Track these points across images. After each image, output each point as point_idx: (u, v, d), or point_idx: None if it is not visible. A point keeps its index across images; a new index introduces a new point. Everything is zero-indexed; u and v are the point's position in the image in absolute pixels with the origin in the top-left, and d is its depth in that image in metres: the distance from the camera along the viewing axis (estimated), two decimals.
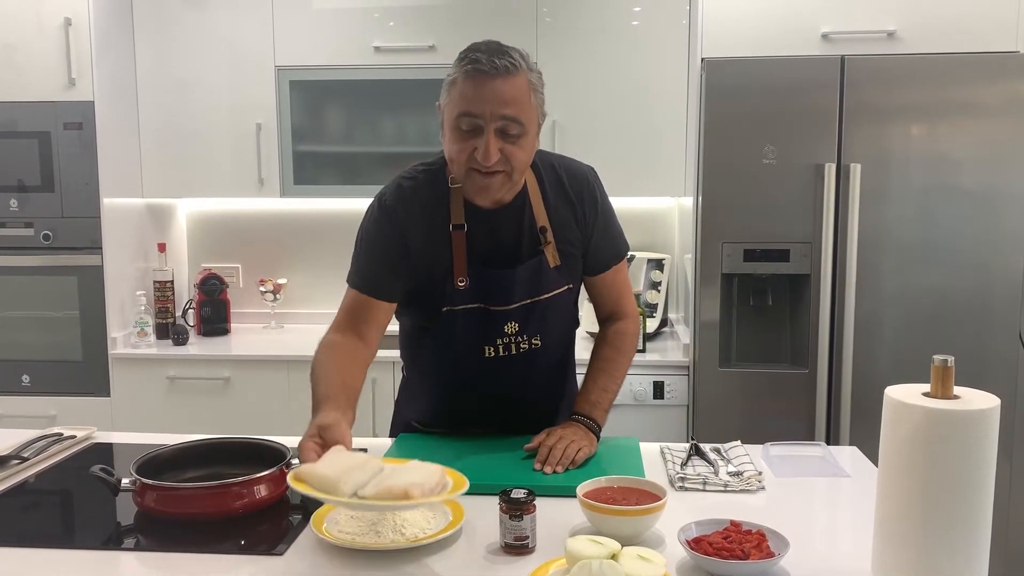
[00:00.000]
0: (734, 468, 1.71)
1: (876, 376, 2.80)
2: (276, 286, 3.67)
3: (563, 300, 1.78)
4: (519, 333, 1.73)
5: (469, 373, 1.76)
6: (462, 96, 1.55)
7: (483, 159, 1.55)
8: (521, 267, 1.70)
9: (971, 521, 1.15)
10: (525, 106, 1.56)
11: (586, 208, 1.76)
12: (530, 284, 1.71)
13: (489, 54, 1.54)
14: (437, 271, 1.69)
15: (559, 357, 1.86)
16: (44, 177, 3.21)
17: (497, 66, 1.53)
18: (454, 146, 1.59)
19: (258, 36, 3.36)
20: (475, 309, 1.70)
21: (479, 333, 1.72)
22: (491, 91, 1.53)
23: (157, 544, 1.43)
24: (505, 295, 1.70)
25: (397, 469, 1.38)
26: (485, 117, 1.54)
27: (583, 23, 3.26)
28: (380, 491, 1.29)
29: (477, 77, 1.53)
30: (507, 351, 1.73)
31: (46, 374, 3.28)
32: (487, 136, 1.54)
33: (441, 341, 1.75)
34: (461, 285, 1.68)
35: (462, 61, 1.57)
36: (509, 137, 1.56)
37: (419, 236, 1.68)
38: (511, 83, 1.54)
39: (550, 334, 1.77)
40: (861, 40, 2.83)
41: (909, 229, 2.78)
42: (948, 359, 1.18)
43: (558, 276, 1.74)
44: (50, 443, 1.90)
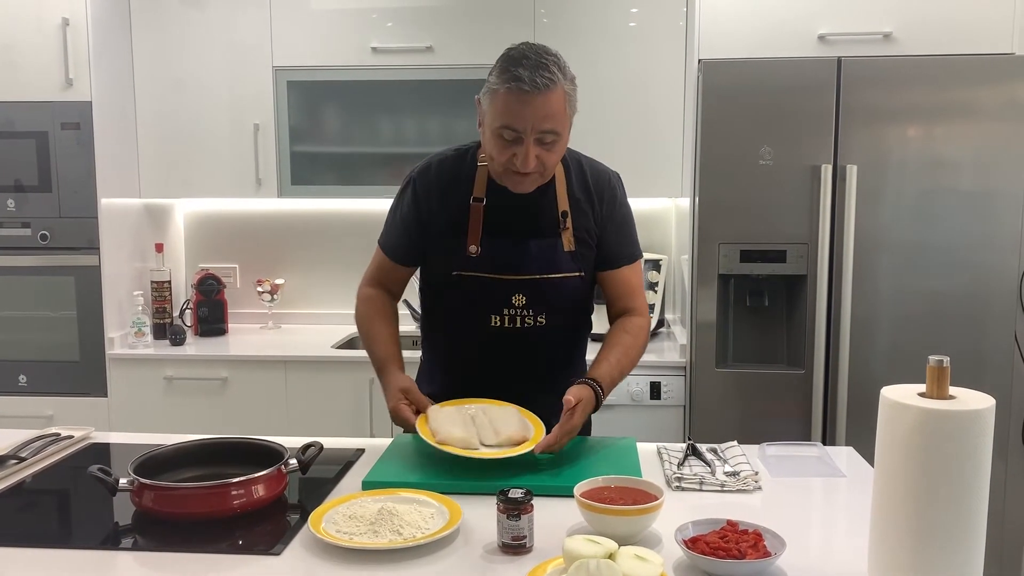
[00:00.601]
0: (731, 468, 1.72)
1: (872, 376, 2.81)
2: (273, 286, 3.67)
3: (573, 287, 1.85)
4: (526, 307, 1.82)
5: (475, 341, 1.85)
6: (506, 109, 1.66)
7: (522, 167, 1.69)
8: (534, 241, 1.81)
9: (966, 521, 1.16)
10: (561, 117, 1.68)
11: (604, 204, 1.87)
12: (542, 260, 1.81)
13: (531, 71, 1.63)
14: (453, 238, 1.82)
15: (564, 347, 1.92)
16: (41, 177, 3.21)
17: (538, 84, 1.63)
18: (495, 151, 1.71)
19: (256, 36, 3.36)
20: (484, 277, 1.81)
21: (486, 301, 1.82)
22: (532, 109, 1.64)
23: (155, 544, 1.44)
24: (515, 265, 1.80)
25: (490, 415, 1.69)
26: (526, 131, 1.66)
27: (580, 24, 3.26)
28: (502, 440, 1.62)
29: (520, 95, 1.64)
30: (512, 323, 1.82)
31: (43, 374, 3.28)
32: (527, 146, 1.67)
33: (450, 305, 1.87)
34: (472, 252, 1.80)
35: (504, 75, 1.66)
36: (545, 144, 1.69)
37: (438, 207, 1.83)
38: (550, 99, 1.65)
39: (556, 316, 1.85)
40: (857, 42, 2.84)
41: (905, 230, 2.78)
42: (944, 359, 1.19)
43: (571, 261, 1.83)
44: (48, 443, 1.90)
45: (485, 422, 1.71)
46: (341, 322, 3.74)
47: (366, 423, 3.17)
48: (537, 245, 1.82)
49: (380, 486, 1.61)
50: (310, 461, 1.66)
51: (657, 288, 3.39)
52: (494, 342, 1.84)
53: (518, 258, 1.81)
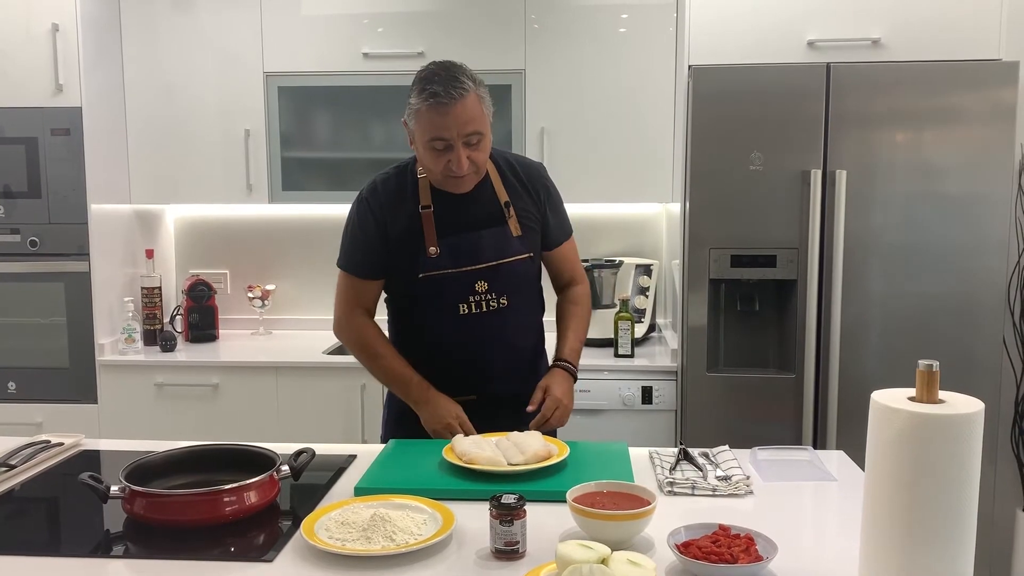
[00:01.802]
0: (722, 472, 1.72)
1: (862, 380, 2.82)
2: (264, 292, 3.67)
3: (526, 268, 2.03)
4: (488, 291, 1.98)
5: (448, 331, 1.99)
6: (431, 124, 1.84)
7: (457, 169, 1.87)
8: (486, 231, 1.98)
9: (956, 524, 1.16)
10: (480, 118, 1.87)
11: (540, 193, 2.07)
12: (495, 248, 1.98)
13: (444, 85, 1.82)
14: (411, 245, 1.97)
15: (527, 324, 2.10)
16: (31, 183, 3.19)
17: (453, 95, 1.82)
18: (430, 162, 1.90)
19: (247, 42, 3.36)
20: (447, 273, 1.96)
21: (453, 293, 1.97)
22: (453, 117, 1.83)
23: (146, 551, 1.43)
24: (473, 255, 1.97)
25: (513, 439, 1.76)
26: (453, 137, 1.84)
27: (571, 30, 3.27)
28: (528, 457, 1.69)
29: (439, 107, 1.82)
30: (479, 308, 1.98)
31: (33, 381, 3.26)
32: (457, 151, 1.86)
33: (421, 305, 2.00)
34: (433, 252, 1.96)
35: (422, 94, 1.85)
36: (472, 146, 1.88)
37: (393, 219, 1.98)
38: (467, 105, 1.84)
39: (516, 295, 2.02)
40: (846, 48, 2.86)
41: (894, 235, 2.80)
42: (933, 364, 1.19)
43: (520, 245, 2.01)
44: (37, 450, 1.89)
45: (508, 445, 1.76)
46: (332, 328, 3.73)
47: (358, 429, 3.16)
48: (489, 235, 1.99)
49: (372, 492, 1.61)
50: (302, 467, 1.65)
51: (648, 293, 3.40)
52: (466, 328, 1.99)
53: (474, 250, 1.97)
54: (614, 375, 3.03)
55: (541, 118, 3.27)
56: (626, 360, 3.10)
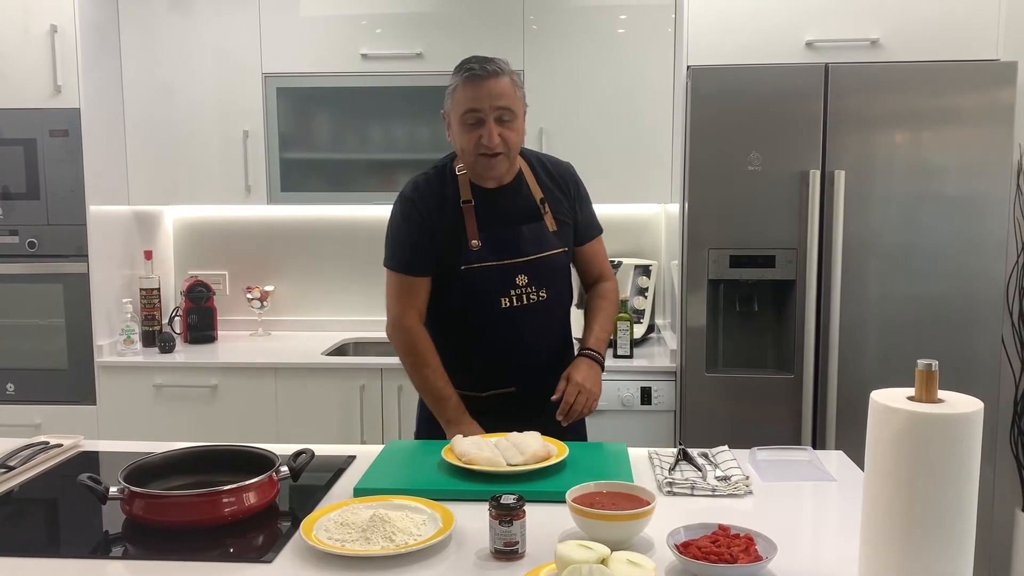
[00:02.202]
0: (722, 473, 1.72)
1: (861, 380, 2.82)
2: (263, 293, 3.66)
3: (562, 262, 2.10)
4: (529, 284, 2.04)
5: (490, 323, 2.04)
6: (465, 97, 1.94)
7: (487, 142, 1.94)
8: (525, 227, 2.05)
9: (956, 523, 1.16)
10: (513, 98, 1.96)
11: (571, 190, 2.15)
12: (534, 242, 2.05)
13: (480, 63, 1.95)
14: (454, 239, 2.02)
15: (561, 316, 2.16)
16: (29, 184, 3.19)
17: (488, 70, 1.93)
18: (463, 137, 1.97)
19: (245, 43, 3.36)
20: (490, 266, 2.01)
21: (495, 286, 2.02)
22: (487, 90, 1.93)
23: (145, 553, 1.43)
24: (514, 249, 2.03)
25: (514, 440, 1.75)
26: (485, 110, 1.93)
27: (570, 31, 3.27)
28: (527, 457, 1.69)
29: (474, 80, 1.93)
30: (520, 301, 2.04)
31: (32, 382, 3.26)
32: (488, 124, 1.93)
33: (464, 297, 2.04)
34: (475, 245, 2.01)
35: (459, 71, 1.96)
36: (504, 123, 1.95)
37: (436, 215, 2.03)
38: (500, 82, 1.94)
39: (554, 288, 2.08)
40: (845, 48, 2.86)
41: (893, 235, 2.80)
42: (932, 363, 1.19)
43: (556, 240, 2.08)
44: (36, 452, 1.89)
45: (508, 445, 1.76)
46: (331, 329, 3.74)
47: (357, 430, 3.16)
48: (528, 230, 2.05)
49: (372, 493, 1.61)
50: (301, 468, 1.65)
51: (647, 293, 3.40)
52: (508, 320, 2.04)
53: (515, 244, 2.03)
54: (613, 376, 3.03)
55: (540, 119, 3.27)
56: (625, 361, 3.10)
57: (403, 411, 3.13)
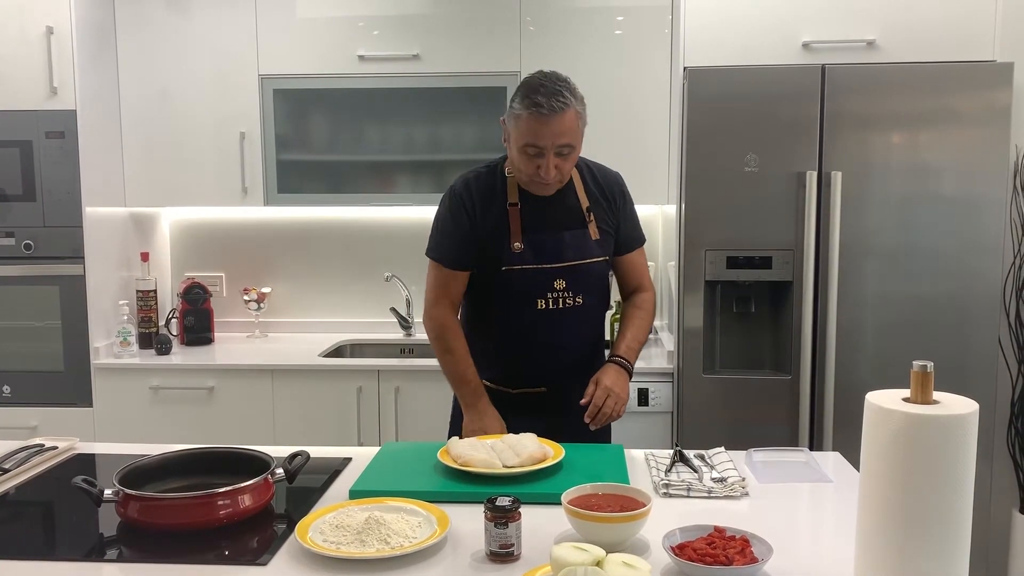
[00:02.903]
0: (718, 474, 1.72)
1: (858, 382, 2.82)
2: (260, 295, 3.66)
3: (601, 270, 2.14)
4: (566, 289, 2.08)
5: (526, 323, 2.09)
6: (528, 130, 1.95)
7: (545, 176, 1.98)
8: (568, 233, 2.09)
9: (951, 524, 1.16)
10: (575, 132, 1.98)
11: (616, 200, 2.17)
12: (576, 249, 2.09)
13: (548, 97, 1.92)
14: (498, 239, 2.07)
15: (596, 323, 2.20)
16: (25, 186, 3.19)
17: (555, 107, 1.92)
18: (521, 164, 2.00)
19: (242, 45, 3.35)
20: (529, 269, 2.06)
21: (533, 287, 2.07)
22: (549, 129, 1.93)
23: (140, 555, 1.43)
24: (554, 254, 2.07)
25: (508, 441, 1.77)
26: (546, 147, 1.95)
27: (566, 32, 3.27)
28: (523, 459, 1.70)
29: (540, 118, 1.93)
30: (556, 304, 2.08)
31: (28, 384, 3.25)
32: (548, 159, 1.96)
33: (503, 296, 2.09)
34: (517, 248, 2.06)
35: (526, 101, 1.95)
36: (562, 156, 1.98)
37: (482, 214, 2.09)
38: (565, 119, 1.94)
39: (590, 295, 2.12)
40: (841, 49, 2.86)
41: (890, 236, 2.80)
42: (928, 365, 1.19)
43: (598, 248, 2.12)
44: (32, 454, 1.89)
45: (504, 447, 1.76)
46: (328, 331, 3.73)
47: (353, 432, 3.16)
48: (570, 236, 2.09)
49: (367, 495, 1.60)
50: (297, 470, 1.65)
51: None
52: (543, 322, 2.09)
53: (556, 249, 2.08)
54: None
55: None
56: None
57: (400, 413, 3.13)
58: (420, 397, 3.11)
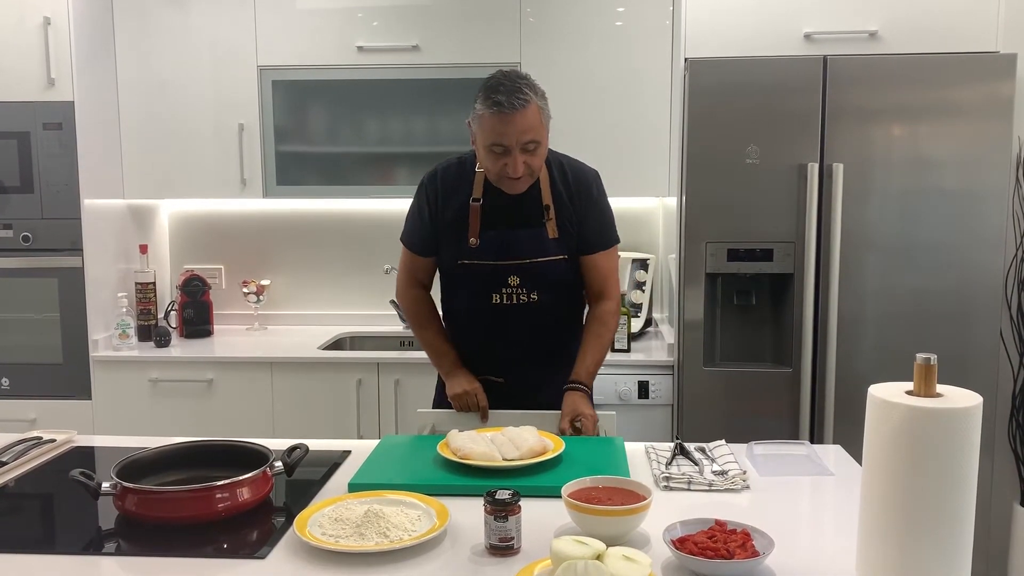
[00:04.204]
0: (719, 467, 1.72)
1: (860, 375, 2.82)
2: (259, 287, 3.65)
3: (559, 268, 2.13)
4: (520, 286, 2.11)
5: (482, 316, 2.14)
6: (492, 130, 1.96)
7: (513, 173, 1.99)
8: (523, 231, 2.10)
9: (954, 518, 1.16)
10: (538, 128, 1.99)
11: (582, 197, 2.14)
12: (531, 246, 2.10)
13: (507, 95, 1.93)
14: (457, 233, 2.11)
15: (556, 319, 2.19)
16: (23, 178, 3.18)
17: (515, 104, 1.93)
18: (488, 163, 2.02)
19: (240, 36, 3.34)
20: (484, 264, 2.10)
21: (488, 283, 2.11)
22: (513, 126, 1.94)
23: (138, 548, 1.42)
24: (508, 251, 2.09)
25: (509, 434, 1.77)
26: (511, 145, 1.96)
27: (567, 24, 3.26)
28: (523, 452, 1.70)
29: (501, 116, 1.93)
30: (510, 300, 2.11)
31: (26, 377, 3.25)
32: (514, 156, 1.97)
33: (460, 289, 2.16)
34: (473, 243, 2.10)
35: (487, 101, 1.95)
36: (529, 152, 1.98)
37: (445, 206, 2.14)
38: (527, 115, 1.95)
39: (546, 294, 2.13)
40: (843, 40, 2.84)
41: (891, 228, 2.79)
42: (931, 357, 1.19)
43: (556, 247, 2.11)
44: (30, 447, 1.88)
45: (504, 440, 1.76)
46: (328, 323, 3.73)
47: (352, 425, 3.15)
48: (526, 234, 2.10)
49: (366, 488, 1.60)
50: (296, 463, 1.64)
51: (645, 287, 3.39)
52: (497, 316, 2.13)
53: (510, 246, 2.09)
54: (611, 370, 3.02)
55: None
56: (623, 355, 3.09)
57: (400, 405, 3.12)
58: (420, 390, 3.10)
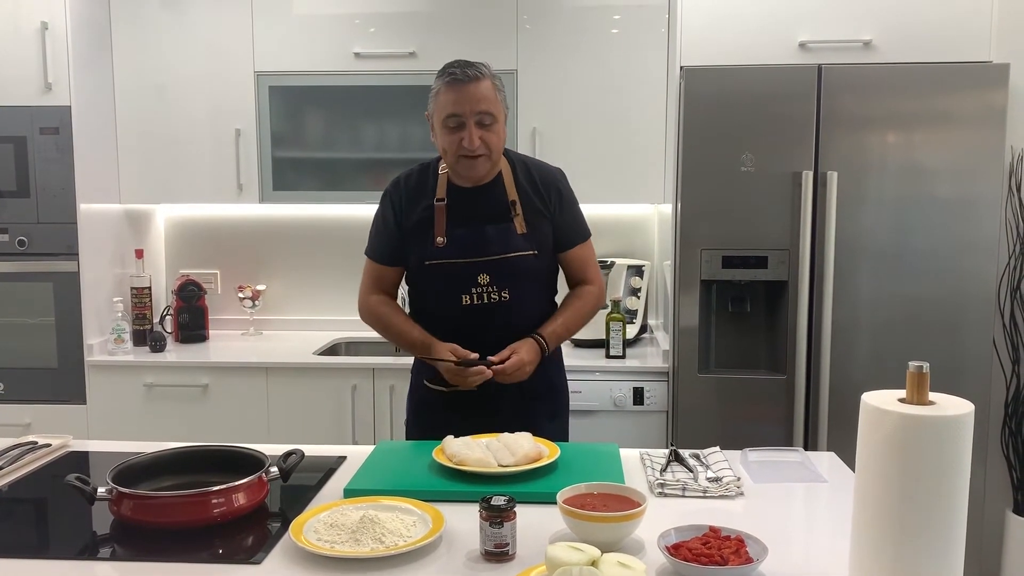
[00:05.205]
0: (713, 474, 1.72)
1: (853, 382, 2.83)
2: (255, 292, 3.65)
3: (529, 264, 2.10)
4: (490, 284, 2.07)
5: (452, 319, 2.09)
6: (447, 101, 1.99)
7: (468, 145, 1.98)
8: (492, 227, 2.08)
9: (946, 525, 1.16)
10: (494, 102, 2.01)
11: (552, 198, 2.14)
12: (499, 242, 2.07)
13: (462, 67, 2.00)
14: (423, 235, 2.10)
15: (527, 319, 2.13)
16: (20, 182, 3.17)
17: (469, 75, 1.98)
18: (445, 140, 2.02)
19: (237, 41, 3.34)
20: (452, 263, 2.07)
21: (456, 283, 2.07)
22: (467, 94, 1.98)
23: (134, 553, 1.42)
24: (476, 248, 2.06)
25: (505, 442, 1.76)
26: (466, 114, 1.98)
27: (563, 31, 3.27)
28: (518, 458, 1.70)
29: (455, 85, 1.98)
30: (480, 300, 2.08)
31: (21, 381, 3.24)
32: (469, 128, 1.98)
33: (427, 291, 2.14)
34: (440, 242, 2.08)
35: (442, 75, 2.01)
36: (485, 127, 2.00)
37: (409, 211, 2.12)
38: (481, 86, 1.99)
39: (518, 291, 2.09)
40: (838, 49, 2.86)
41: (885, 236, 2.80)
42: (923, 365, 1.19)
43: (524, 242, 2.09)
44: (25, 452, 1.88)
45: (499, 446, 1.76)
46: (323, 328, 3.72)
47: (348, 430, 3.15)
48: (494, 230, 2.08)
49: (362, 494, 1.60)
50: (291, 469, 1.65)
51: (640, 294, 3.39)
52: (468, 318, 2.08)
53: (478, 243, 2.07)
54: (605, 376, 3.02)
55: (533, 119, 3.27)
56: (617, 361, 3.09)
57: (395, 411, 3.12)
58: None
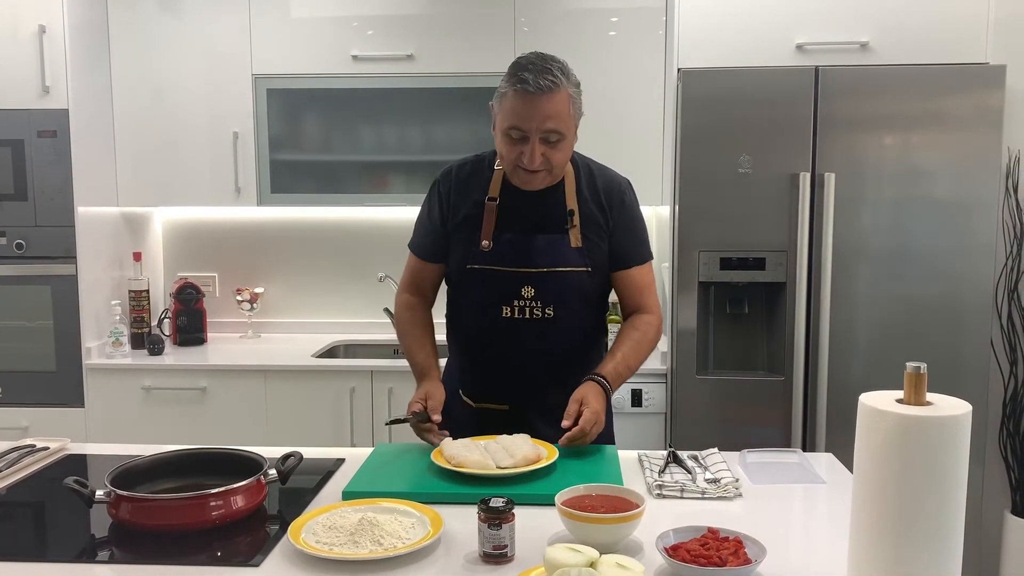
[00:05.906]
0: (711, 475, 1.72)
1: (851, 383, 2.83)
2: (253, 295, 3.65)
3: (581, 281, 1.93)
4: (535, 298, 1.90)
5: (489, 331, 1.93)
6: (512, 111, 1.78)
7: (528, 164, 1.81)
8: (543, 237, 1.91)
9: (944, 525, 1.16)
10: (565, 117, 1.80)
11: (613, 208, 1.96)
12: (550, 254, 1.90)
13: (535, 74, 1.76)
14: (468, 234, 1.93)
15: (574, 341, 1.96)
16: (17, 185, 3.17)
17: (542, 86, 1.75)
18: (504, 148, 1.84)
19: (235, 44, 3.34)
20: (495, 271, 1.90)
21: (497, 292, 1.91)
22: (536, 109, 1.76)
23: (132, 556, 1.42)
24: (524, 258, 1.89)
25: (503, 443, 1.75)
26: (531, 130, 1.78)
27: (561, 33, 3.27)
28: (517, 460, 1.68)
29: (525, 96, 1.76)
30: (522, 314, 1.90)
31: (19, 385, 3.24)
32: (532, 144, 1.79)
33: (466, 297, 1.97)
34: (485, 246, 1.91)
35: (512, 79, 1.79)
36: (550, 143, 1.80)
37: (458, 206, 1.95)
38: (553, 100, 1.77)
39: (564, 308, 1.91)
40: (835, 51, 2.86)
41: (883, 237, 2.81)
42: (921, 366, 1.19)
43: (578, 256, 1.92)
44: (23, 455, 1.88)
45: (497, 448, 1.75)
46: (321, 331, 3.72)
47: (346, 432, 3.15)
48: (545, 240, 1.91)
49: (360, 496, 1.60)
50: (290, 471, 1.64)
51: None
52: (505, 332, 1.92)
53: (526, 252, 1.90)
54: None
55: None
56: None
57: (393, 414, 3.12)
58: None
